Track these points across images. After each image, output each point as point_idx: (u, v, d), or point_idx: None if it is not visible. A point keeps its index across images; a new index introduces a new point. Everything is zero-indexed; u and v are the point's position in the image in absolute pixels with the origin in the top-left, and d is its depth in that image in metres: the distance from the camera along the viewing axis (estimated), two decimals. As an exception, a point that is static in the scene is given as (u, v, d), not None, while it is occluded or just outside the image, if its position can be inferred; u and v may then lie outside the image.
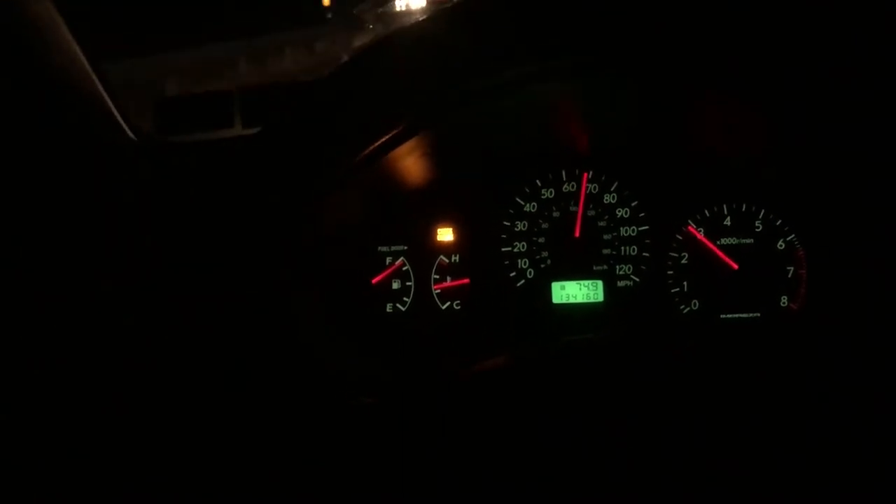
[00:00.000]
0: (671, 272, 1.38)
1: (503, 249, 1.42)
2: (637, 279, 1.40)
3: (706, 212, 1.37)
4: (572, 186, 1.40)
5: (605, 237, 1.40)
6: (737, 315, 1.36)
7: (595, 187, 1.40)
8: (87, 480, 1.03)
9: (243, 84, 1.46)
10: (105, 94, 1.25)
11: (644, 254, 1.39)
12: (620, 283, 1.40)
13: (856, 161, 0.95)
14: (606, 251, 1.40)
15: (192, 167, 1.29)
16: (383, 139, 0.91)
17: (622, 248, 1.40)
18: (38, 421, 1.05)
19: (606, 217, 1.40)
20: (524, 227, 1.42)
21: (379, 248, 1.42)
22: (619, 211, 1.40)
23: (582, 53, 0.90)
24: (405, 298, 1.42)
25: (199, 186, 1.22)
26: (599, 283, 1.40)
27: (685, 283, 1.38)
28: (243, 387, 0.97)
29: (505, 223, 1.42)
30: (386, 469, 0.81)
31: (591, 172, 1.40)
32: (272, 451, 0.94)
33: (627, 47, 0.88)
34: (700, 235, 1.36)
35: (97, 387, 1.06)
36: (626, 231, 1.40)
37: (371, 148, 0.91)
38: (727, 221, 1.36)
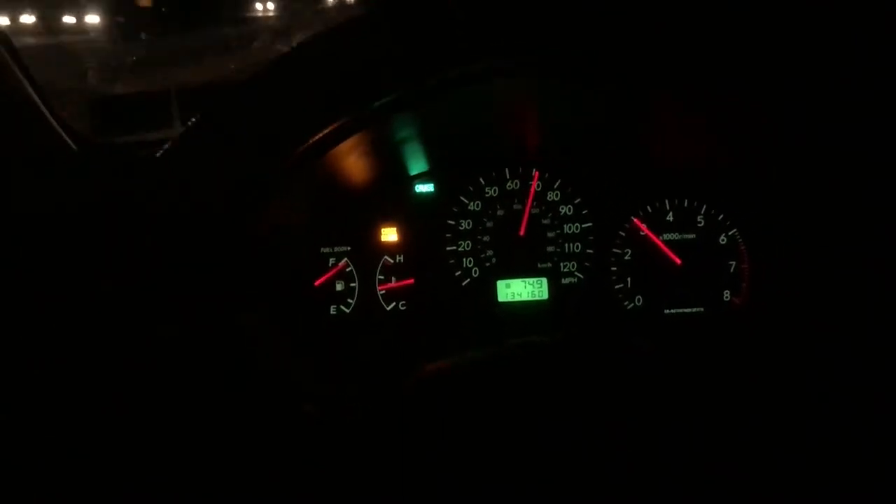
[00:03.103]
0: (615, 268, 1.40)
1: (448, 249, 1.42)
2: (581, 276, 1.41)
3: (648, 207, 1.39)
4: (516, 184, 1.42)
5: (549, 235, 1.42)
6: (680, 310, 1.38)
7: (539, 185, 1.41)
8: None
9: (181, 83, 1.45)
10: (39, 101, 1.22)
11: (588, 251, 1.41)
12: (565, 281, 1.42)
13: (796, 158, 0.97)
14: (551, 249, 1.42)
15: (131, 171, 1.27)
16: (318, 136, 0.90)
17: (566, 245, 1.42)
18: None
19: (550, 215, 1.42)
20: (469, 225, 1.42)
21: (322, 249, 1.41)
22: (563, 208, 1.41)
23: (531, 55, 0.91)
24: (349, 300, 1.42)
25: (135, 191, 1.21)
26: (544, 280, 1.41)
27: (629, 279, 1.40)
28: (187, 394, 0.95)
29: (449, 222, 1.42)
30: (331, 477, 0.81)
31: (540, 171, 1.42)
32: (220, 457, 0.93)
33: (579, 55, 0.89)
34: (645, 229, 1.38)
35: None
36: (570, 228, 1.42)
37: (306, 145, 0.90)
38: (669, 217, 1.39)
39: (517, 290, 1.41)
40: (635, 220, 1.39)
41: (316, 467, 0.84)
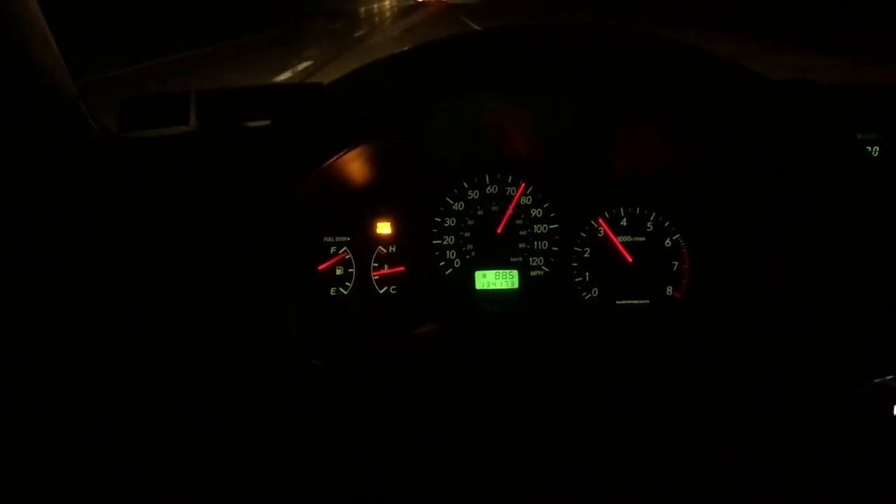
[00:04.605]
0: (576, 264, 1.54)
1: (434, 242, 1.55)
2: (547, 269, 1.56)
3: (606, 213, 1.53)
4: (494, 189, 1.56)
5: (521, 233, 1.56)
6: (629, 301, 1.53)
7: (513, 190, 1.56)
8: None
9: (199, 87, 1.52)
10: (75, 90, 1.26)
11: (553, 248, 1.55)
12: (533, 273, 1.56)
13: (731, 181, 1.12)
14: (522, 245, 1.56)
15: (164, 160, 1.33)
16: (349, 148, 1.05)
17: (535, 242, 1.56)
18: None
19: (523, 216, 1.56)
20: (452, 222, 1.56)
21: (325, 238, 1.54)
22: (534, 211, 1.56)
23: (527, 87, 1.06)
24: (347, 283, 1.54)
25: (171, 179, 1.26)
26: (515, 272, 1.56)
27: (587, 273, 1.54)
28: (222, 358, 1.07)
29: (436, 219, 1.56)
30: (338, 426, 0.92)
31: (515, 178, 1.55)
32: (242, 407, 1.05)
33: (566, 85, 1.05)
34: (607, 228, 1.53)
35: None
36: (539, 228, 1.56)
37: (341, 153, 1.04)
38: (624, 222, 1.53)
39: (492, 279, 1.56)
40: (600, 219, 1.53)
41: (322, 411, 0.95)
